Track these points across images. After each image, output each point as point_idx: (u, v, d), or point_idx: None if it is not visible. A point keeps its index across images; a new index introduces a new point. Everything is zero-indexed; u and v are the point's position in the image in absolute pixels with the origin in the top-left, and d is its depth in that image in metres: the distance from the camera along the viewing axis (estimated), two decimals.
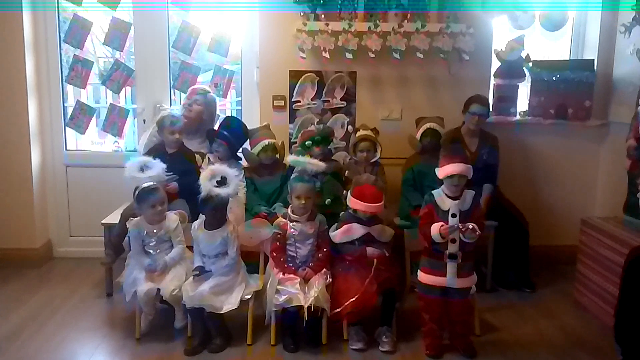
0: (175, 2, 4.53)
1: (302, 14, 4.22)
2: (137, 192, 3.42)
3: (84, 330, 3.53)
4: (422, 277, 3.25)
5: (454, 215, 3.15)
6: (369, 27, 4.18)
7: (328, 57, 4.24)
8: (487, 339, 3.46)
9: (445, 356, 3.25)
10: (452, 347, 3.29)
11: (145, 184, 3.44)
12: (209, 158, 4.03)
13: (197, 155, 4.03)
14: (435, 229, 3.12)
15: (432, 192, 3.28)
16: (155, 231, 3.44)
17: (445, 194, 3.21)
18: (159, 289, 3.31)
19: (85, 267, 4.45)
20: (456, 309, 3.24)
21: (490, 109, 4.33)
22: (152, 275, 3.36)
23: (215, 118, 4.31)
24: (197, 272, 3.31)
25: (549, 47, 4.86)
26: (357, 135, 4.06)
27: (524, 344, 3.42)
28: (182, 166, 3.85)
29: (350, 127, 4.42)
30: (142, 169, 3.61)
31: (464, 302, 3.26)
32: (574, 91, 4.48)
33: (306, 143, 3.95)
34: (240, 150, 4.06)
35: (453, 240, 3.13)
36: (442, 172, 3.19)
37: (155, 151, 3.92)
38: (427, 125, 4.08)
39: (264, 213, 3.76)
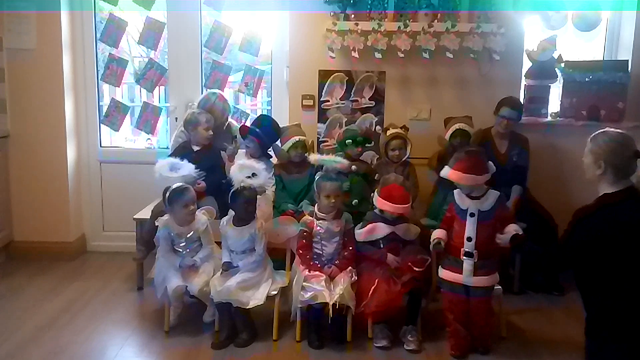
0: (208, 2, 4.60)
1: (332, 14, 4.24)
2: (168, 193, 3.46)
3: (114, 322, 3.62)
4: (443, 273, 3.28)
5: (472, 215, 3.20)
6: (399, 27, 4.18)
7: (357, 56, 4.25)
8: (514, 341, 3.44)
9: (470, 357, 3.25)
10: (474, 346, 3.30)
11: (175, 185, 3.50)
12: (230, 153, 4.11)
13: (221, 151, 4.11)
14: (434, 235, 3.28)
15: (454, 190, 3.32)
16: (184, 232, 3.49)
17: (466, 193, 3.25)
18: (187, 286, 3.37)
19: (118, 261, 4.56)
20: (474, 307, 3.23)
21: (521, 112, 4.24)
22: (183, 272, 3.42)
23: (227, 115, 4.36)
24: (226, 268, 3.37)
25: (582, 47, 4.79)
26: (387, 134, 4.05)
27: (551, 347, 3.39)
28: (209, 163, 3.91)
29: (378, 128, 4.42)
30: (172, 169, 3.68)
31: (483, 301, 3.24)
32: (607, 92, 4.41)
33: (346, 141, 3.95)
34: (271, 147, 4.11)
35: (469, 239, 3.16)
36: (443, 171, 3.30)
37: (182, 149, 4.01)
38: (457, 125, 4.05)
39: (291, 211, 3.80)
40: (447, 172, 3.25)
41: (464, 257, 3.19)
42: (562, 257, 2.48)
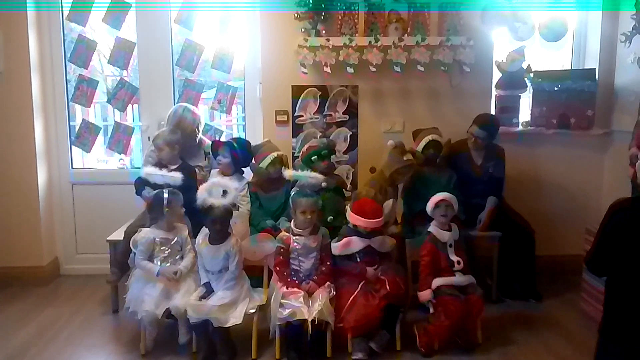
0: (179, 20, 4.58)
1: (303, 30, 4.26)
2: (167, 194, 3.45)
3: (90, 347, 3.55)
4: (436, 282, 3.46)
5: (450, 245, 3.53)
6: (370, 42, 4.20)
7: (329, 71, 4.27)
8: (493, 349, 3.45)
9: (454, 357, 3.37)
10: (453, 343, 3.41)
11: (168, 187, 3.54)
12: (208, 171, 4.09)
13: (196, 169, 4.07)
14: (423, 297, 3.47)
15: (429, 229, 3.56)
16: (170, 238, 3.47)
17: (440, 229, 3.55)
18: (168, 308, 3.32)
19: (92, 284, 4.47)
20: (471, 303, 3.38)
21: (493, 130, 4.18)
22: (167, 281, 3.37)
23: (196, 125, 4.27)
24: (205, 290, 3.35)
25: (549, 57, 4.86)
26: (406, 159, 3.87)
27: (530, 354, 3.42)
28: (184, 182, 3.86)
29: (391, 142, 3.94)
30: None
31: (477, 295, 3.46)
32: (576, 101, 4.48)
33: (312, 158, 3.92)
34: (249, 167, 4.08)
35: (458, 263, 3.49)
36: (431, 202, 3.56)
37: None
38: (430, 137, 4.04)
39: (270, 228, 3.76)
40: (433, 199, 3.56)
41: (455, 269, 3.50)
42: (597, 258, 2.49)
